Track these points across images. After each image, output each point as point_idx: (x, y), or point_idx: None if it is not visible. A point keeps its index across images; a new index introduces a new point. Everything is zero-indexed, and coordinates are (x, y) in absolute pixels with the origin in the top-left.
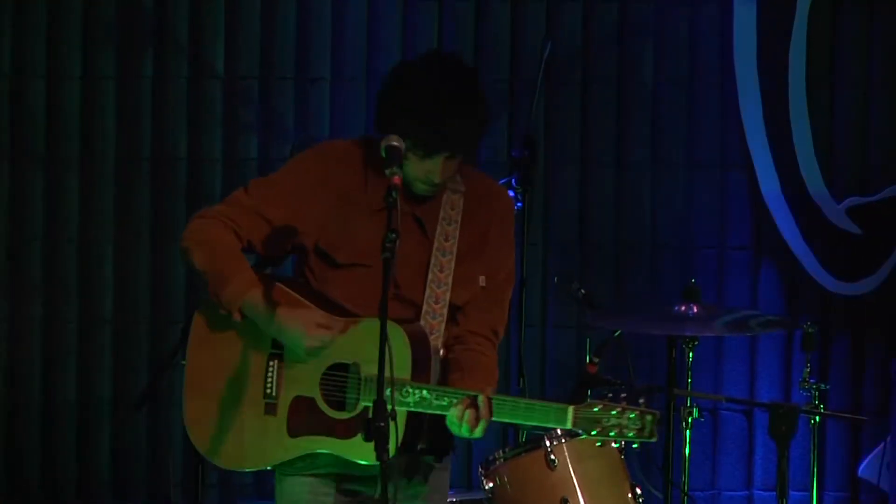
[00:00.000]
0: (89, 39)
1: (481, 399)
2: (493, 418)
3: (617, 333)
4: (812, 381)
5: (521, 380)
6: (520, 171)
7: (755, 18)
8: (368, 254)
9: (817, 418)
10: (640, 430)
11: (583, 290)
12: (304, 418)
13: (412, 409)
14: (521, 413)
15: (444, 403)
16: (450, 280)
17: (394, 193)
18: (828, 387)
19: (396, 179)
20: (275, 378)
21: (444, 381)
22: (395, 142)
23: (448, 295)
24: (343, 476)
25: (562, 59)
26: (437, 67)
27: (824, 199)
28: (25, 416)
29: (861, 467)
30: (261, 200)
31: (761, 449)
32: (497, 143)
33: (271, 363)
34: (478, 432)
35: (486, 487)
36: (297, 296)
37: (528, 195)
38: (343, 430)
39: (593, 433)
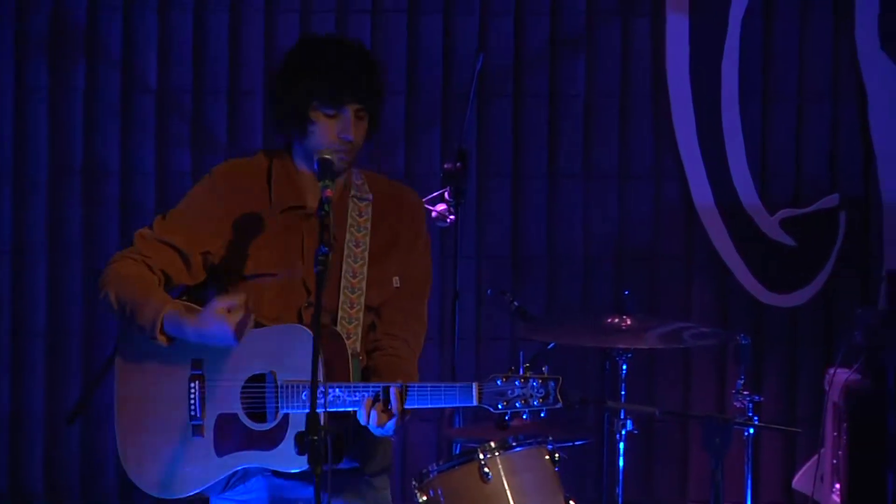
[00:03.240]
0: (21, 52)
1: (394, 389)
2: (406, 405)
3: (550, 346)
4: (746, 392)
5: None
6: (452, 183)
7: (688, 31)
8: (273, 263)
9: (751, 430)
10: (545, 397)
11: (516, 303)
12: (229, 435)
13: (329, 408)
14: (429, 396)
15: (357, 399)
16: (363, 285)
17: (326, 207)
18: (762, 398)
19: (329, 192)
20: (197, 399)
21: None
22: (328, 155)
23: (363, 299)
24: (276, 498)
25: (494, 72)
26: (335, 35)
27: (757, 210)
28: None
29: (795, 479)
30: (163, 229)
31: (695, 461)
32: (430, 156)
33: (192, 385)
34: (389, 424)
35: (420, 501)
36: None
37: (461, 208)
38: (267, 441)
39: (500, 406)
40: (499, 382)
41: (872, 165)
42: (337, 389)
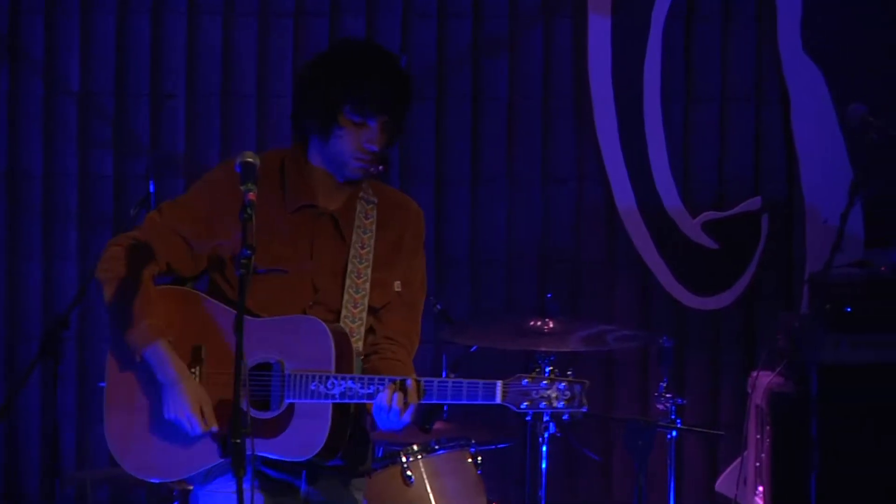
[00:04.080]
0: None
1: (411, 382)
2: (423, 400)
3: (473, 349)
4: (669, 395)
5: None
6: None
7: (610, 33)
8: (284, 259)
9: (674, 433)
10: (570, 399)
11: (438, 306)
12: (229, 421)
13: (339, 400)
14: (449, 392)
15: (371, 392)
16: (367, 286)
17: (248, 210)
18: (684, 401)
19: (251, 196)
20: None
21: None
22: (251, 158)
23: (366, 300)
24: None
25: (417, 76)
26: (372, 44)
27: (680, 213)
28: None
29: (718, 482)
30: (175, 219)
31: (618, 464)
32: None
33: (193, 370)
34: (406, 417)
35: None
36: (213, 318)
37: None
38: (270, 430)
39: (522, 406)
40: (524, 383)
41: (795, 168)
42: (350, 381)
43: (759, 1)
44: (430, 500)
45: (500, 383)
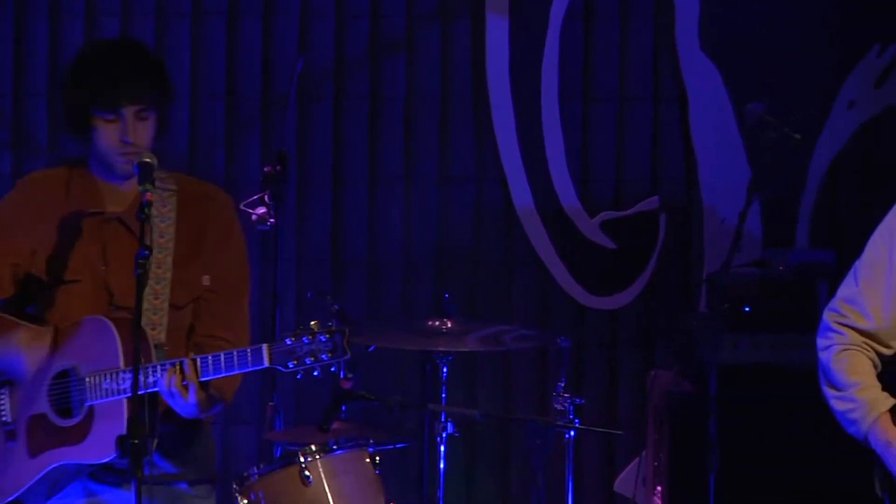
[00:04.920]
0: None
1: (187, 363)
2: (202, 377)
3: (371, 349)
4: (567, 395)
5: (273, 394)
6: (272, 187)
7: (508, 33)
8: (76, 269)
9: (572, 433)
10: (334, 349)
11: (336, 306)
12: (40, 435)
13: (130, 394)
14: (222, 364)
15: (156, 379)
16: (168, 275)
17: (146, 210)
18: (583, 401)
19: (149, 196)
20: (8, 404)
21: None
22: (148, 158)
23: (168, 290)
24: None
25: (314, 75)
26: (101, 41)
27: (578, 213)
28: None
29: (617, 481)
30: None
31: (517, 464)
32: (249, 160)
33: (2, 391)
34: (192, 398)
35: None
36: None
37: (281, 211)
38: (76, 435)
39: (290, 365)
40: (288, 341)
41: (693, 167)
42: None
43: (656, 0)
44: (328, 499)
45: (265, 346)
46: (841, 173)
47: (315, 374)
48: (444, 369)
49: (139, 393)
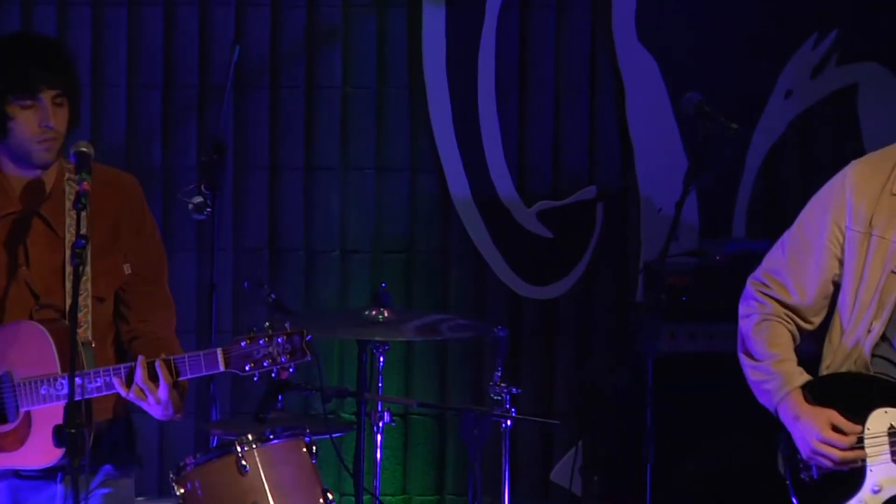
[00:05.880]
0: None
1: (140, 371)
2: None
3: (308, 338)
4: (503, 384)
5: (210, 384)
6: (209, 176)
7: (444, 22)
8: None
9: (509, 422)
10: (293, 352)
11: (273, 295)
12: None
13: (71, 399)
14: (174, 370)
15: (100, 384)
16: (89, 270)
17: (83, 199)
18: (519, 391)
19: (86, 185)
20: None
21: None
22: (85, 147)
23: (89, 284)
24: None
25: (251, 64)
26: (19, 31)
27: (515, 202)
28: None
29: (553, 471)
30: None
31: (453, 453)
32: (186, 149)
33: None
34: (162, 397)
35: (178, 493)
36: None
37: (218, 200)
38: (14, 441)
39: (247, 369)
40: (243, 345)
41: (630, 157)
42: (77, 378)
43: None
44: (264, 489)
45: (219, 350)
46: (778, 163)
47: (273, 375)
48: (381, 359)
49: (82, 398)
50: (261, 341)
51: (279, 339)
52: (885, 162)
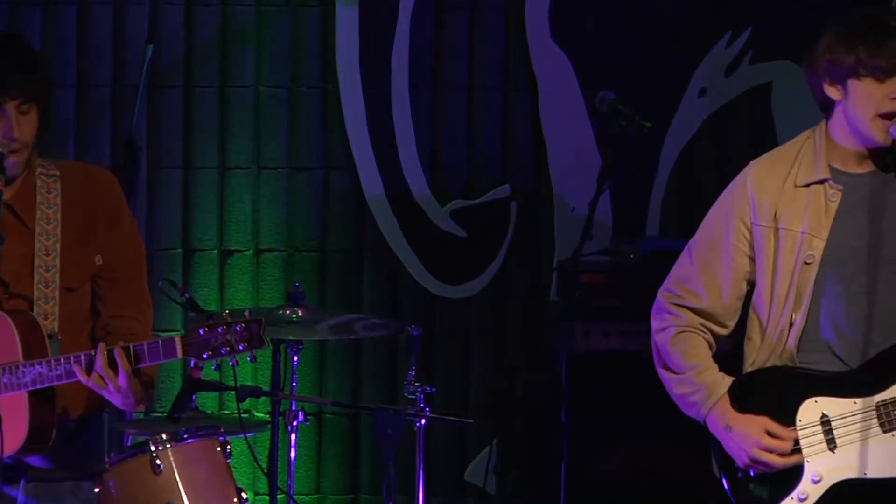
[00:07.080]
0: None
1: (99, 357)
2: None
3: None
4: (417, 384)
5: None
6: (122, 175)
7: (358, 21)
8: None
9: (423, 421)
10: (250, 340)
11: (186, 295)
12: None
13: (31, 387)
14: (132, 358)
15: (60, 373)
16: (58, 262)
17: None
18: (433, 390)
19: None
20: None
21: None
22: (1, 148)
23: (58, 277)
24: None
25: (164, 64)
26: None
27: (428, 201)
28: None
29: (468, 470)
30: None
31: (367, 452)
32: (100, 149)
33: None
34: (122, 385)
35: (93, 493)
36: None
37: (131, 199)
38: None
39: (205, 356)
40: (201, 332)
41: (544, 156)
42: (39, 367)
43: None
44: (179, 488)
45: (177, 338)
46: (692, 161)
47: (231, 363)
48: (295, 358)
49: (43, 385)
50: (219, 329)
51: (237, 328)
52: (784, 157)
